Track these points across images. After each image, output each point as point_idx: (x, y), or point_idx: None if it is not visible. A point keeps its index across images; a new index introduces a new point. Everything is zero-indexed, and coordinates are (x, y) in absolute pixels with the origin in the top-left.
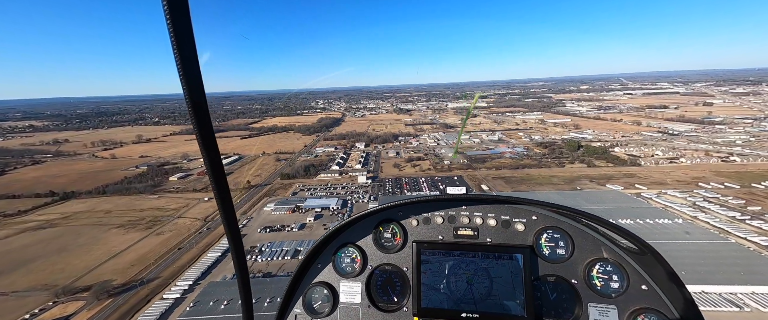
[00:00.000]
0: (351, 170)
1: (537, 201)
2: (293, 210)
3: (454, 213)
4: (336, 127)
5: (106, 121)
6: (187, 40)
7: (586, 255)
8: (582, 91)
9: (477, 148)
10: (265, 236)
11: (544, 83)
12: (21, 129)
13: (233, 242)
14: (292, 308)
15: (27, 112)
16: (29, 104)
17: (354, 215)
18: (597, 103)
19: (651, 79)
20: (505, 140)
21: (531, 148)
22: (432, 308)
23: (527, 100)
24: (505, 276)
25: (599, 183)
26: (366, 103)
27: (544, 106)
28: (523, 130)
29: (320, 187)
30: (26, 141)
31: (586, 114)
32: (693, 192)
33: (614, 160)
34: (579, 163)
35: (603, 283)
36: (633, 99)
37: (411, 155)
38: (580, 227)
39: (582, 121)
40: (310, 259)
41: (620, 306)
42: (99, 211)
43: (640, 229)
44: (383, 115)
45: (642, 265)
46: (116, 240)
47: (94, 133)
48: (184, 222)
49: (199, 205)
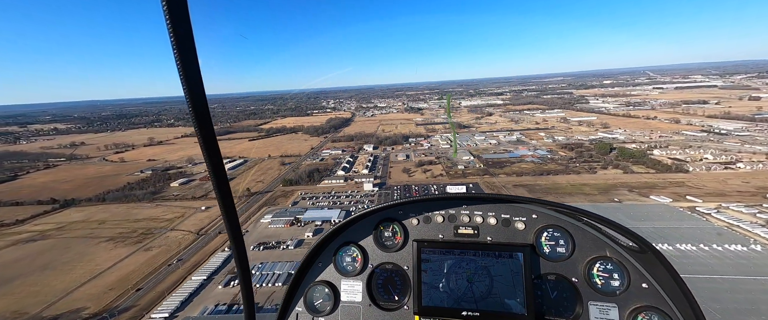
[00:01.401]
0: (357, 176)
1: (537, 200)
2: (291, 223)
3: (455, 212)
4: (345, 127)
5: (124, 123)
6: (187, 43)
7: (586, 254)
8: (605, 86)
9: (494, 150)
10: (259, 254)
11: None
12: (45, 132)
13: (235, 241)
14: (294, 307)
15: (56, 114)
16: (60, 107)
17: (354, 214)
18: (624, 98)
19: (682, 72)
20: (524, 141)
21: (555, 150)
22: (432, 307)
23: (546, 96)
24: (505, 275)
25: (641, 193)
26: (377, 102)
27: (565, 103)
28: (544, 130)
29: (323, 195)
30: (46, 144)
31: (614, 111)
32: (763, 207)
33: (655, 164)
34: (613, 169)
35: (603, 281)
36: (664, 94)
37: (422, 158)
38: (581, 225)
39: (610, 119)
40: (311, 258)
41: (621, 304)
42: (94, 221)
43: (708, 259)
44: (394, 115)
45: (643, 264)
46: (102, 257)
47: (111, 136)
48: (175, 236)
49: (195, 215)
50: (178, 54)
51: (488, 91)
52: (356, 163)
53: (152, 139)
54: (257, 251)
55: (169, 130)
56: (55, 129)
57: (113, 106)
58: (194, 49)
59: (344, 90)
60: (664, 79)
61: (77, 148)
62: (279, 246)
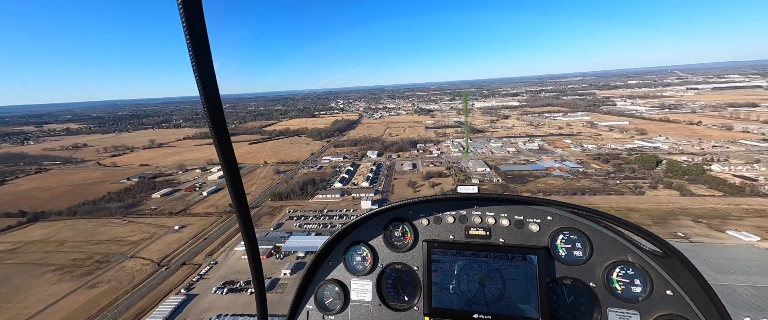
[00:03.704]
0: (356, 189)
1: (552, 201)
2: (269, 253)
3: (466, 212)
4: (350, 130)
5: (133, 123)
6: (202, 44)
7: (605, 258)
8: (631, 86)
9: (513, 160)
10: (219, 300)
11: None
12: (57, 132)
13: (248, 242)
14: (305, 304)
15: (77, 113)
16: (83, 106)
17: (364, 213)
18: (655, 100)
19: (715, 71)
20: (548, 150)
21: (586, 161)
22: (443, 308)
23: (566, 97)
24: (518, 278)
25: (711, 226)
26: (386, 103)
27: (588, 104)
28: (569, 136)
29: (314, 214)
30: (49, 145)
31: (648, 114)
32: None
33: (718, 184)
34: (665, 189)
35: (624, 287)
36: (701, 95)
37: (430, 169)
38: (599, 228)
39: (645, 124)
40: (321, 257)
41: (643, 311)
42: (53, 242)
43: None
44: (403, 117)
45: (667, 269)
46: (38, 295)
47: (117, 137)
48: (132, 267)
49: (165, 237)
50: (193, 55)
51: (502, 91)
52: (356, 173)
53: (153, 142)
54: (220, 294)
55: (174, 132)
56: (66, 129)
57: (132, 106)
58: (209, 50)
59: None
60: (696, 78)
61: (78, 150)
62: (247, 289)
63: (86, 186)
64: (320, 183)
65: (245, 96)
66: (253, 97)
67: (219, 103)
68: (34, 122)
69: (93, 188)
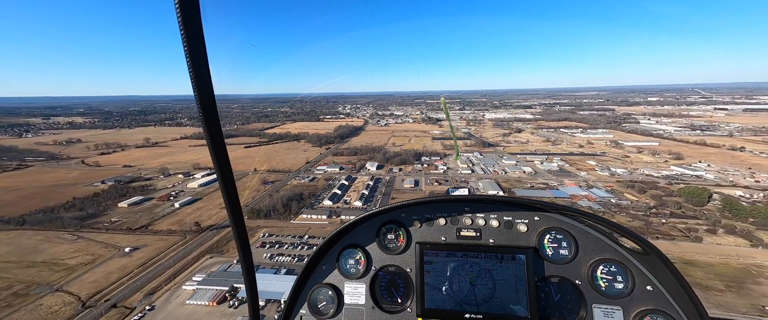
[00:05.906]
0: (346, 209)
1: (539, 203)
2: (223, 298)
3: (457, 214)
4: (353, 137)
5: (138, 120)
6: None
7: (589, 256)
8: (652, 104)
9: (530, 183)
10: None
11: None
12: (59, 125)
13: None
14: (298, 309)
15: (91, 107)
16: (99, 100)
17: (357, 217)
18: (682, 119)
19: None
20: (570, 172)
21: (618, 190)
22: (435, 309)
23: (582, 112)
24: (508, 277)
25: None
26: (393, 110)
27: (608, 121)
28: (592, 156)
29: (291, 241)
30: (43, 139)
31: (678, 135)
32: None
33: None
34: (727, 234)
35: (607, 284)
36: (734, 117)
37: (434, 188)
38: (584, 227)
39: (679, 147)
40: (314, 261)
41: (625, 307)
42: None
43: None
44: (409, 125)
45: (647, 266)
46: None
47: (116, 133)
48: (51, 305)
49: (109, 263)
50: (188, 53)
51: (514, 102)
52: (351, 189)
53: (148, 140)
54: None
55: (173, 130)
56: (70, 123)
57: (146, 102)
58: (204, 49)
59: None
60: (722, 98)
61: (70, 146)
62: None
63: (55, 189)
64: (308, 199)
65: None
66: (261, 98)
67: (213, 103)
68: (45, 114)
69: (61, 191)
